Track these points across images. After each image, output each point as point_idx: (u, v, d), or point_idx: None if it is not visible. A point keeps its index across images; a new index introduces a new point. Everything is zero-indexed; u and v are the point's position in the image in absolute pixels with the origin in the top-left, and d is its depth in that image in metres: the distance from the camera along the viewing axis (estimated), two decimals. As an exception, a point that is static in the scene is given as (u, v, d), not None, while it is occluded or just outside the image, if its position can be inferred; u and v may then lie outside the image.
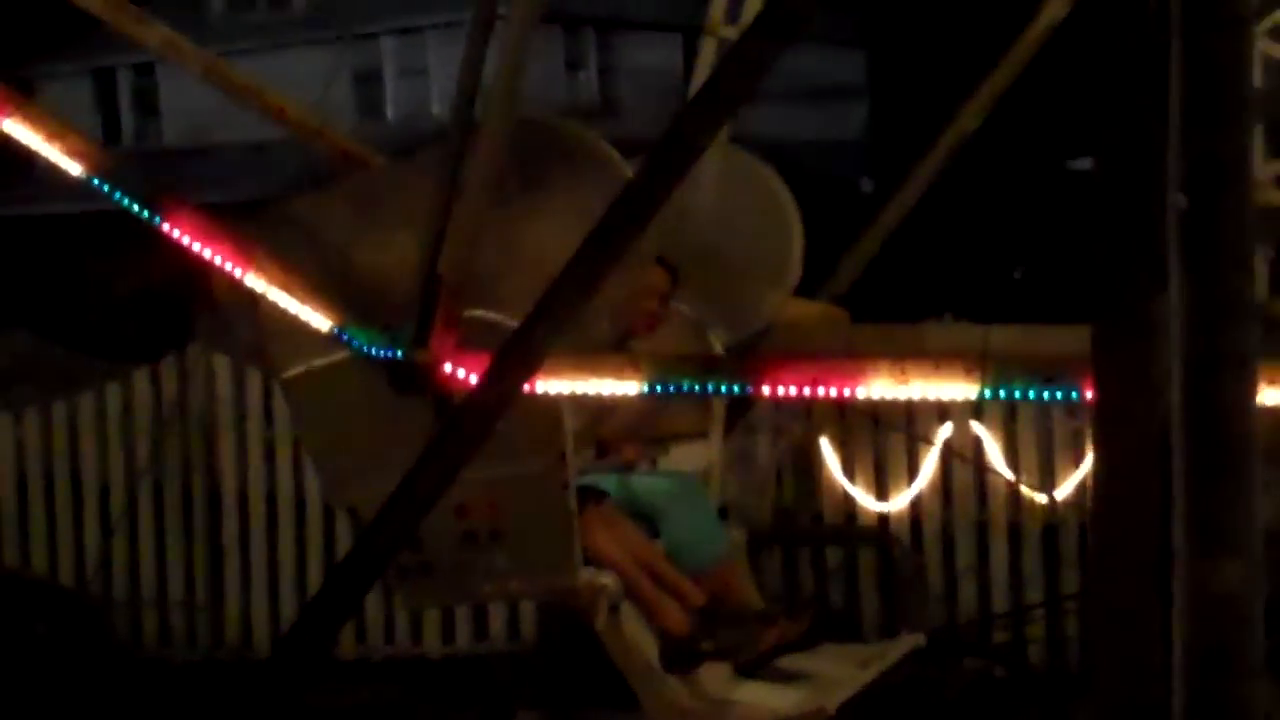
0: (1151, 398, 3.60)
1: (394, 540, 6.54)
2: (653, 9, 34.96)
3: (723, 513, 9.19)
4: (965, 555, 12.35)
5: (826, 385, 6.30)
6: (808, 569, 12.97)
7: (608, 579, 7.72)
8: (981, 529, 12.33)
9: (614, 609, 7.77)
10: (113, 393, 13.51)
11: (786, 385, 6.34)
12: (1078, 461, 12.29)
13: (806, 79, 38.23)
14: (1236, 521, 3.42)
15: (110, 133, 39.95)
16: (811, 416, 12.46)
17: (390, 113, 35.41)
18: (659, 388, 6.40)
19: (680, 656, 7.99)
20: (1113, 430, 3.78)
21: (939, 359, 6.19)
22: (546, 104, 33.52)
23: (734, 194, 8.93)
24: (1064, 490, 12.21)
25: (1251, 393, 3.42)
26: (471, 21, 6.95)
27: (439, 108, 33.20)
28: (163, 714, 12.08)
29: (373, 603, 12.95)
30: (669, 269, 8.42)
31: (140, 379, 13.49)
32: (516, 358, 6.14)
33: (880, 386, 6.30)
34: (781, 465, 12.92)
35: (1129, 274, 3.66)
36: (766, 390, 6.33)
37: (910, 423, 12.15)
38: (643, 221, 5.85)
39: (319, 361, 7.33)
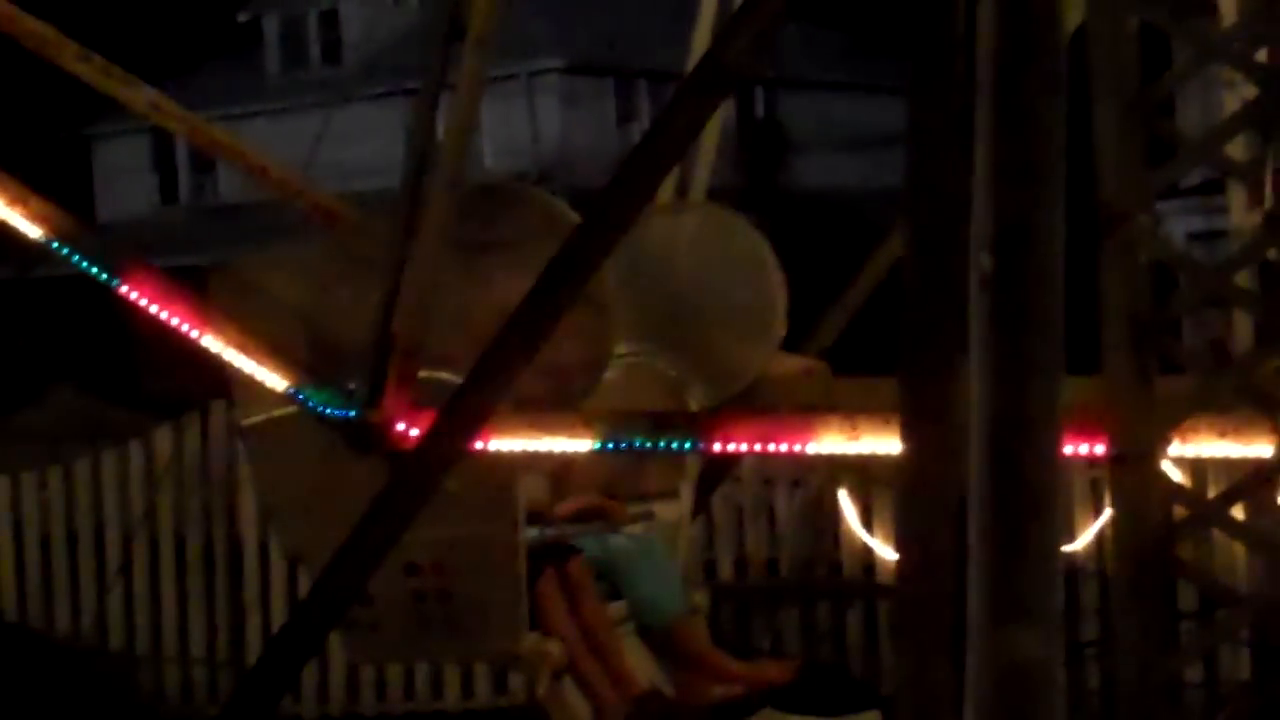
0: (951, 461, 3.56)
1: (343, 593, 6.55)
2: (706, 60, 34.93)
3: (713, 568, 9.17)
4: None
5: (777, 441, 6.28)
6: (826, 622, 12.92)
7: (553, 646, 7.71)
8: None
9: (557, 677, 7.76)
10: (136, 449, 13.59)
11: (737, 441, 6.32)
12: (1097, 511, 12.20)
13: (859, 127, 38.21)
14: (1036, 587, 3.37)
15: (167, 190, 40.28)
16: (830, 468, 12.41)
17: (444, 167, 35.50)
18: (611, 445, 6.39)
19: None
20: (913, 493, 3.74)
21: (891, 414, 6.15)
22: (599, 157, 33.61)
23: (713, 250, 8.90)
24: (1082, 540, 12.11)
25: (1054, 456, 3.37)
26: (420, 86, 6.97)
27: (491, 161, 33.34)
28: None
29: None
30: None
31: (162, 436, 13.56)
32: (461, 414, 6.14)
33: (831, 442, 6.27)
34: (799, 517, 12.90)
35: (931, 336, 3.62)
36: (717, 446, 6.31)
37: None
38: (583, 277, 5.85)
39: (279, 411, 7.36)
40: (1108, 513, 11.27)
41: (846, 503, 12.54)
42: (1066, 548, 11.91)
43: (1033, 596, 3.38)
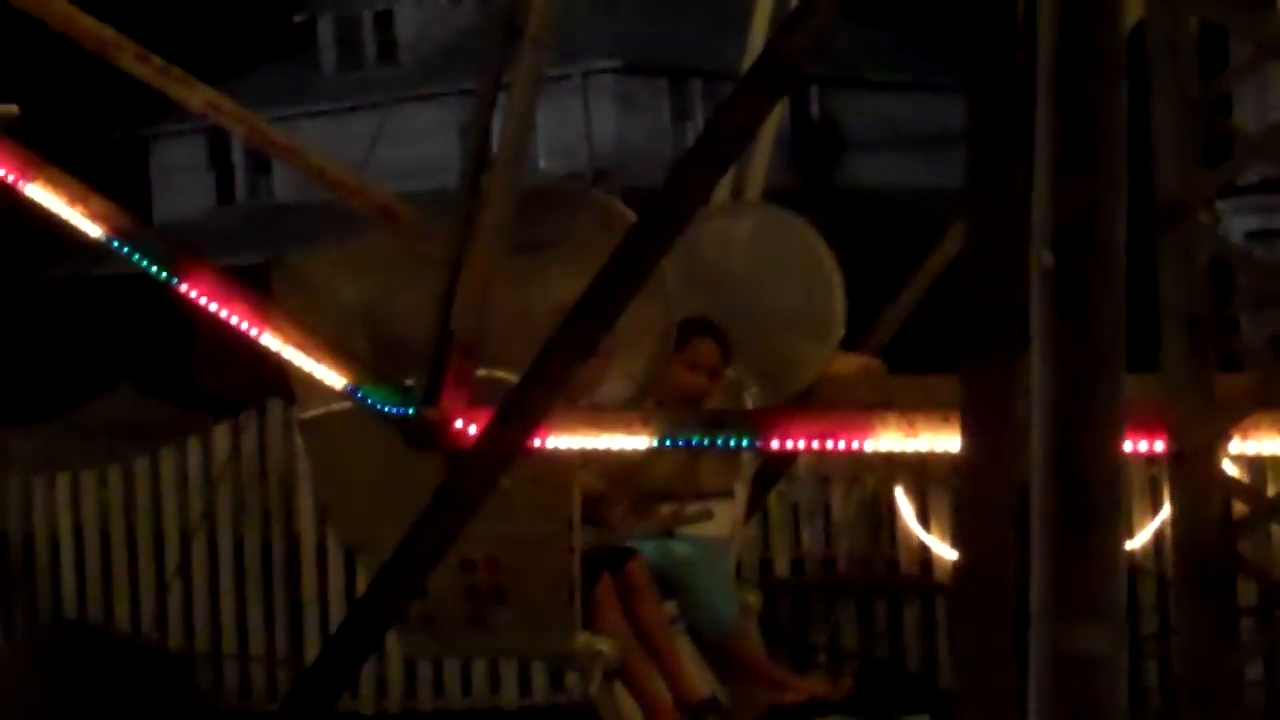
0: (1012, 457, 3.55)
1: (401, 591, 6.58)
2: (760, 58, 34.87)
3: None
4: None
5: (834, 439, 6.28)
6: (883, 619, 12.92)
7: (605, 645, 7.71)
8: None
9: (609, 677, 7.76)
10: (194, 447, 13.68)
11: (795, 439, 6.32)
12: (1155, 509, 12.17)
13: (915, 126, 38.10)
14: (1099, 583, 3.36)
15: (224, 190, 40.43)
16: (887, 466, 12.40)
17: (498, 165, 35.54)
18: (667, 442, 6.40)
19: None
20: (974, 490, 3.74)
21: (949, 411, 6.13)
22: (655, 156, 33.60)
23: (771, 252, 8.88)
24: (1141, 538, 12.08)
25: (1116, 452, 3.36)
26: (478, 86, 6.99)
27: (545, 161, 33.36)
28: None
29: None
30: (719, 340, 8.36)
31: (220, 434, 13.64)
32: (517, 412, 6.16)
33: (888, 439, 6.27)
34: (856, 515, 12.90)
35: (992, 332, 3.61)
36: (775, 444, 6.31)
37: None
38: (640, 276, 5.87)
39: (337, 405, 7.39)
40: (1166, 510, 11.24)
41: (903, 500, 12.52)
42: (1125, 545, 11.86)
43: (1096, 592, 3.38)
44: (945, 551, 12.49)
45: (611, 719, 7.87)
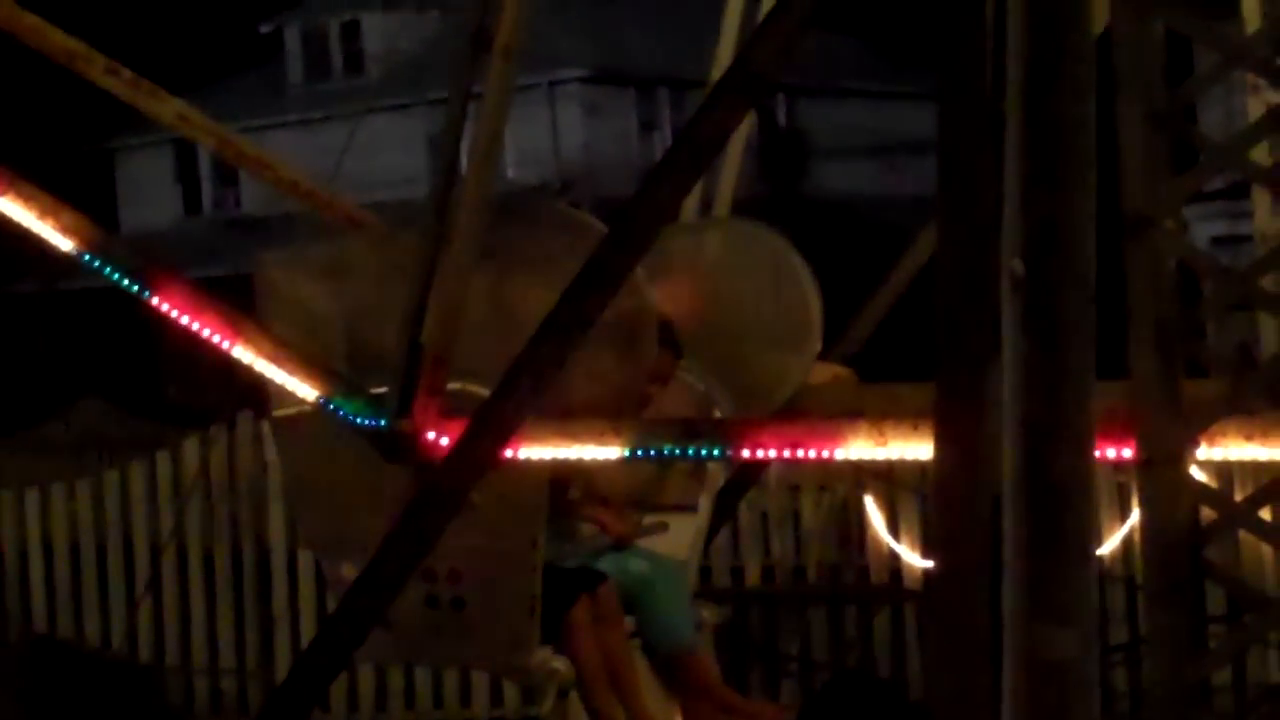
0: (983, 465, 3.57)
1: (373, 605, 6.58)
2: (727, 68, 34.91)
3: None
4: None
5: (805, 448, 6.30)
6: (853, 627, 12.93)
7: (560, 664, 7.72)
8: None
9: (563, 695, 7.77)
10: (163, 461, 13.64)
11: (766, 448, 6.34)
12: (1123, 516, 12.20)
13: (880, 135, 38.18)
14: (1071, 589, 3.38)
15: (190, 202, 40.37)
16: (856, 474, 12.42)
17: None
18: (640, 452, 6.42)
19: None
20: (946, 497, 3.76)
21: (919, 419, 6.16)
22: (621, 166, 33.65)
23: (743, 265, 8.90)
24: (1109, 545, 12.11)
25: (1087, 459, 3.38)
26: (449, 96, 6.99)
27: (513, 171, 33.37)
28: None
29: (421, 668, 12.99)
30: (673, 348, 8.39)
31: (190, 447, 13.62)
32: (490, 424, 6.17)
33: (859, 448, 6.29)
34: (825, 523, 12.91)
35: (963, 341, 3.64)
36: (746, 454, 6.32)
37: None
38: (611, 288, 5.88)
39: (310, 405, 7.39)
40: (1135, 517, 11.29)
41: (873, 508, 12.55)
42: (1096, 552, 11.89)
43: (1068, 597, 3.40)
44: (914, 559, 12.51)
45: None
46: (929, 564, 12.30)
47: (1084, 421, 3.42)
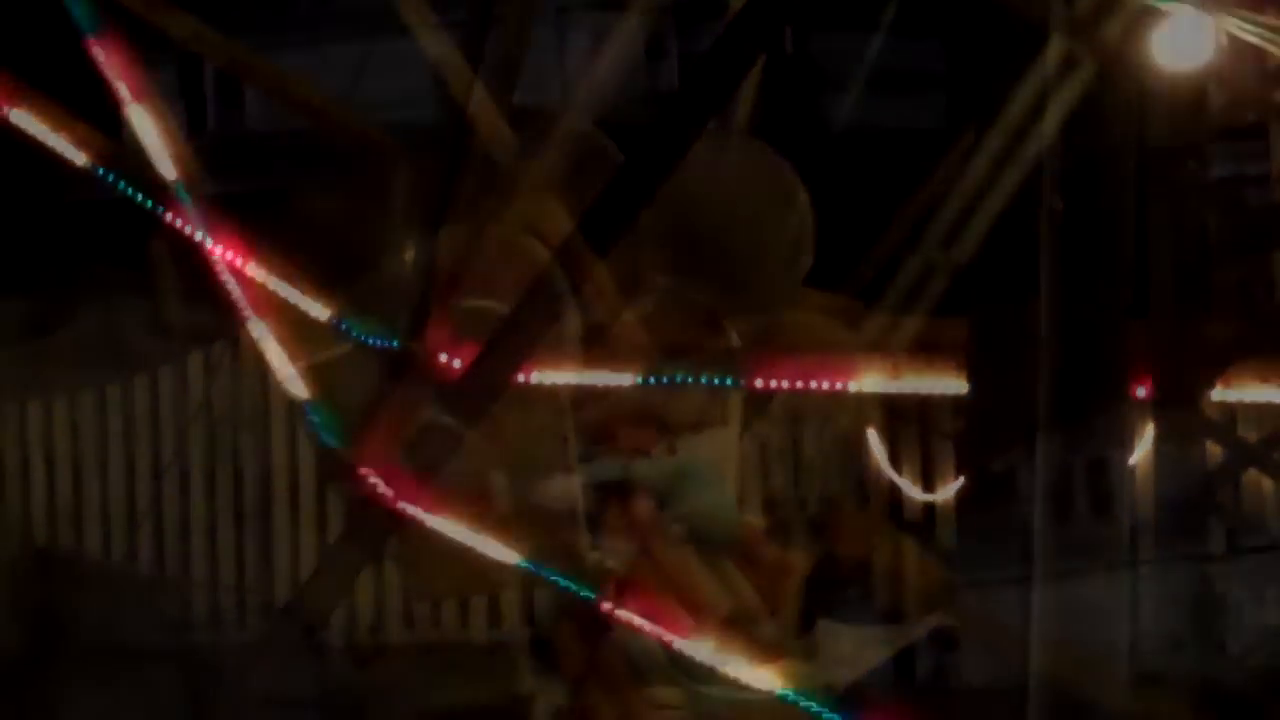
0: (1020, 402, 3.57)
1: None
2: (735, -5, 34.72)
3: None
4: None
5: (819, 379, 6.30)
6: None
7: (613, 561, 7.72)
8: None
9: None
10: (167, 376, 13.61)
11: (779, 379, 6.35)
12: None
13: (884, 67, 37.99)
14: (1101, 526, 3.38)
15: (195, 118, 40.18)
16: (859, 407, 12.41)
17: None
18: (654, 379, 6.42)
19: None
20: (979, 428, 3.76)
21: (932, 355, 6.17)
22: (629, 92, 33.53)
23: (745, 182, 8.89)
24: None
25: (1123, 394, 3.38)
26: (468, 20, 6.96)
27: (518, 97, 33.21)
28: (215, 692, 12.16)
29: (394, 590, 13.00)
30: (713, 323, 8.38)
31: (194, 364, 13.58)
32: (504, 347, 6.16)
33: (872, 381, 6.30)
34: (827, 456, 12.90)
35: (1002, 278, 3.63)
36: (759, 383, 6.33)
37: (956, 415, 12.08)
38: (633, 210, 5.87)
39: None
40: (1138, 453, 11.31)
41: (875, 441, 12.54)
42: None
43: (1099, 536, 3.41)
44: (915, 492, 12.53)
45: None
46: (929, 497, 12.34)
47: (1121, 353, 3.42)
